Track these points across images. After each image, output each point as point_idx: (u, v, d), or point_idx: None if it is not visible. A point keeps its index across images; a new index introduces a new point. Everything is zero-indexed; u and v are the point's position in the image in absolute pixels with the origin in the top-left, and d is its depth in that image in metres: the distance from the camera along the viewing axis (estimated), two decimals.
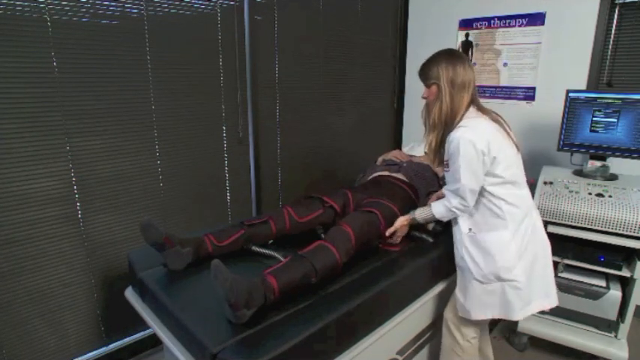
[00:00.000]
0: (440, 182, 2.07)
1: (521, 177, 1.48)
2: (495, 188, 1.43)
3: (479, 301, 1.50)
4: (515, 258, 1.43)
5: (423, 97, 1.53)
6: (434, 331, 1.77)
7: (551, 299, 1.52)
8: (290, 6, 2.36)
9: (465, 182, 1.40)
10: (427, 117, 1.55)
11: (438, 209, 1.54)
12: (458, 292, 1.58)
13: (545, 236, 1.53)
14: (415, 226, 1.73)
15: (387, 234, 1.64)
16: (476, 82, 1.50)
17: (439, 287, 1.70)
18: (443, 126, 1.47)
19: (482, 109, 1.48)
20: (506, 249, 1.43)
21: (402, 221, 1.65)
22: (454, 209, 1.48)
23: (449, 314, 1.63)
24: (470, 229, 1.50)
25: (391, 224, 1.64)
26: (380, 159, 2.32)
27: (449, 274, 1.74)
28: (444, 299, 1.71)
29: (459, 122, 1.43)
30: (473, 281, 1.50)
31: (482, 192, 1.45)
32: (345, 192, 1.83)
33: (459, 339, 1.59)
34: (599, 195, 1.84)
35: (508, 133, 1.47)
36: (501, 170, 1.40)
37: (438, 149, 1.53)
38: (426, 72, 1.49)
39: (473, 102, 1.48)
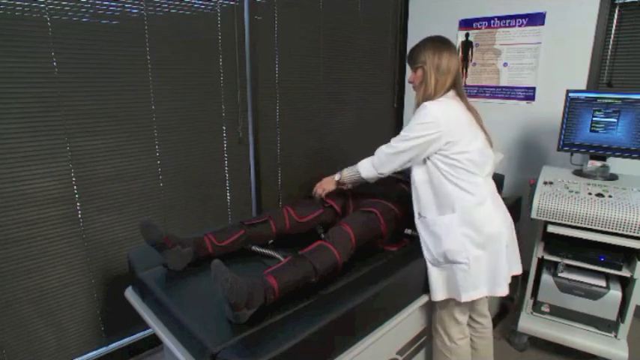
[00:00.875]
0: None
1: (480, 167, 1.49)
2: (447, 168, 1.46)
3: (433, 283, 1.55)
4: (462, 243, 1.45)
5: (410, 82, 1.59)
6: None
7: (498, 289, 1.50)
8: (290, 6, 2.37)
9: (405, 144, 1.47)
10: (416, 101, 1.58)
11: (363, 164, 1.61)
12: None
13: (501, 228, 1.51)
14: (415, 226, 1.73)
15: (314, 191, 1.74)
16: (462, 73, 1.58)
17: None
18: None
19: (461, 96, 1.53)
20: (452, 232, 1.46)
21: (328, 180, 1.73)
22: (375, 158, 1.56)
23: (435, 316, 1.64)
24: (419, 214, 1.56)
25: (391, 224, 1.65)
26: None
27: None
28: None
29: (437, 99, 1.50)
30: (428, 264, 1.55)
31: (434, 171, 1.49)
32: (345, 192, 1.83)
33: (445, 340, 1.61)
34: (599, 195, 1.84)
35: (480, 125, 1.53)
36: (456, 152, 1.44)
37: None
38: (413, 57, 1.54)
39: (455, 87, 1.53)
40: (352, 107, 2.91)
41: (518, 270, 1.61)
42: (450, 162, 1.45)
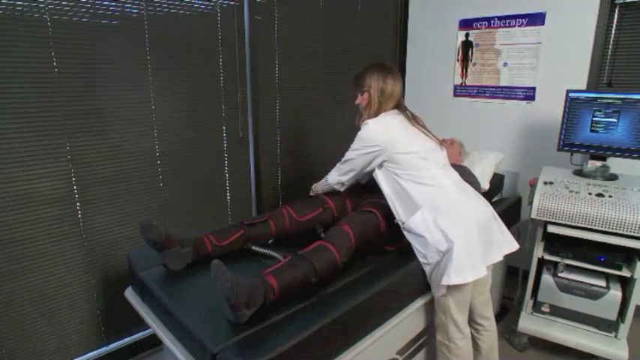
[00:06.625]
0: None
1: (431, 161, 1.58)
2: (399, 169, 1.56)
3: (432, 281, 1.56)
4: (440, 230, 1.48)
5: (357, 103, 1.72)
6: (434, 331, 1.77)
7: (478, 271, 1.49)
8: (290, 6, 2.37)
9: (350, 154, 1.65)
10: (358, 119, 1.71)
11: (330, 173, 1.78)
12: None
13: (469, 212, 1.53)
14: None
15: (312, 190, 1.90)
16: (405, 94, 1.70)
17: None
18: None
19: (400, 109, 1.66)
20: (429, 225, 1.49)
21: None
22: (334, 171, 1.75)
23: (435, 316, 1.64)
24: (401, 222, 1.59)
25: (390, 224, 1.64)
26: None
27: None
28: None
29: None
30: (424, 267, 1.56)
31: (391, 176, 1.59)
32: (344, 192, 1.83)
33: (445, 340, 1.61)
34: (599, 195, 1.84)
35: (424, 129, 1.65)
36: (401, 153, 1.55)
37: None
38: (360, 81, 1.68)
39: (397, 107, 1.66)
40: (352, 107, 2.90)
41: (511, 248, 1.62)
42: (399, 163, 1.55)
